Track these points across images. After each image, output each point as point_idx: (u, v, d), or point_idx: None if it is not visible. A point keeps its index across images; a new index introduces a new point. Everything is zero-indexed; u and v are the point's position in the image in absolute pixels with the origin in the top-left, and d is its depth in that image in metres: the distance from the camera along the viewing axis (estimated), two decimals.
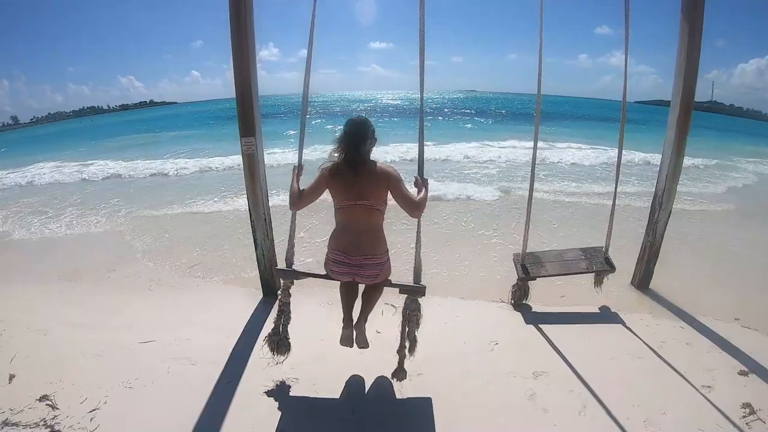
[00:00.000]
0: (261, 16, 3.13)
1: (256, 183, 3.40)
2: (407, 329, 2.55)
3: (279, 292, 2.72)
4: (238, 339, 3.14)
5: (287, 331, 2.75)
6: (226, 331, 3.21)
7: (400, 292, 2.54)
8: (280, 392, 2.59)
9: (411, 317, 2.54)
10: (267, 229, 3.56)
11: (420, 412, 2.46)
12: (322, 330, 3.21)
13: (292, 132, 19.54)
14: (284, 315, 2.72)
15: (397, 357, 2.58)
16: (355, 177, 2.31)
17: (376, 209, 2.36)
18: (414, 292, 2.50)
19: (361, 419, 2.41)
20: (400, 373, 2.59)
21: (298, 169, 2.61)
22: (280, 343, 2.73)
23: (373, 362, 2.84)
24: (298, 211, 2.62)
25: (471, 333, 3.21)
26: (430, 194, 2.49)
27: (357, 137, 2.32)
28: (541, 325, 3.33)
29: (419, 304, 2.55)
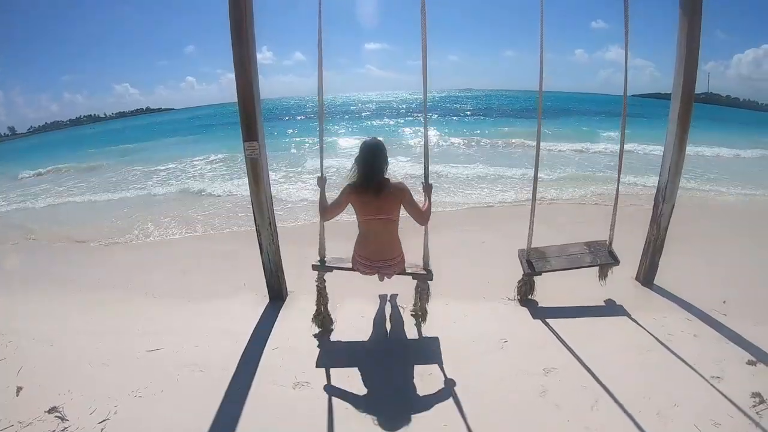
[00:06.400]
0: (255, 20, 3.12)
1: (260, 187, 3.38)
2: (419, 304, 3.16)
3: (315, 279, 3.20)
4: (247, 344, 3.13)
5: (328, 309, 3.25)
6: (235, 337, 3.20)
7: (413, 278, 3.08)
8: (291, 397, 2.58)
9: (422, 294, 3.14)
10: (272, 233, 3.54)
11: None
12: (330, 334, 3.24)
13: (290, 130, 20.12)
14: (322, 296, 3.23)
15: (413, 320, 3.25)
16: (374, 195, 2.69)
17: (392, 220, 2.80)
18: (424, 278, 3.07)
19: (375, 422, 2.40)
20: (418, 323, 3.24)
21: (322, 180, 2.99)
22: (324, 320, 3.26)
23: (384, 362, 2.88)
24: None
25: (480, 332, 3.21)
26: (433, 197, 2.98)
27: (375, 161, 2.69)
28: (548, 321, 3.34)
29: (428, 283, 3.10)
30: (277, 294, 3.75)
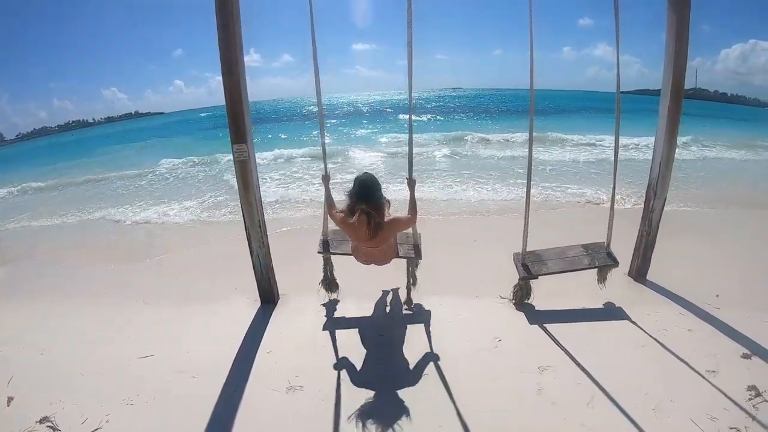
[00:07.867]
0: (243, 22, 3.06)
1: (249, 190, 3.35)
2: (410, 269, 3.48)
3: (319, 250, 3.51)
4: (239, 349, 3.10)
5: (333, 275, 3.66)
6: (226, 341, 3.17)
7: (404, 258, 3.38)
8: (285, 401, 2.56)
9: (411, 262, 3.46)
10: (262, 235, 3.51)
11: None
12: (323, 337, 3.22)
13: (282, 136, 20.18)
14: (328, 264, 3.63)
15: (406, 291, 3.56)
16: (368, 235, 2.72)
17: (389, 244, 2.97)
18: (414, 258, 3.41)
19: (371, 425, 2.38)
20: (409, 302, 3.56)
21: (326, 178, 3.19)
22: (331, 284, 3.67)
23: (378, 364, 2.87)
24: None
25: (475, 330, 3.20)
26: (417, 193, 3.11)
27: (371, 198, 2.69)
28: (541, 319, 3.33)
29: (420, 249, 3.39)
30: (269, 297, 3.71)
